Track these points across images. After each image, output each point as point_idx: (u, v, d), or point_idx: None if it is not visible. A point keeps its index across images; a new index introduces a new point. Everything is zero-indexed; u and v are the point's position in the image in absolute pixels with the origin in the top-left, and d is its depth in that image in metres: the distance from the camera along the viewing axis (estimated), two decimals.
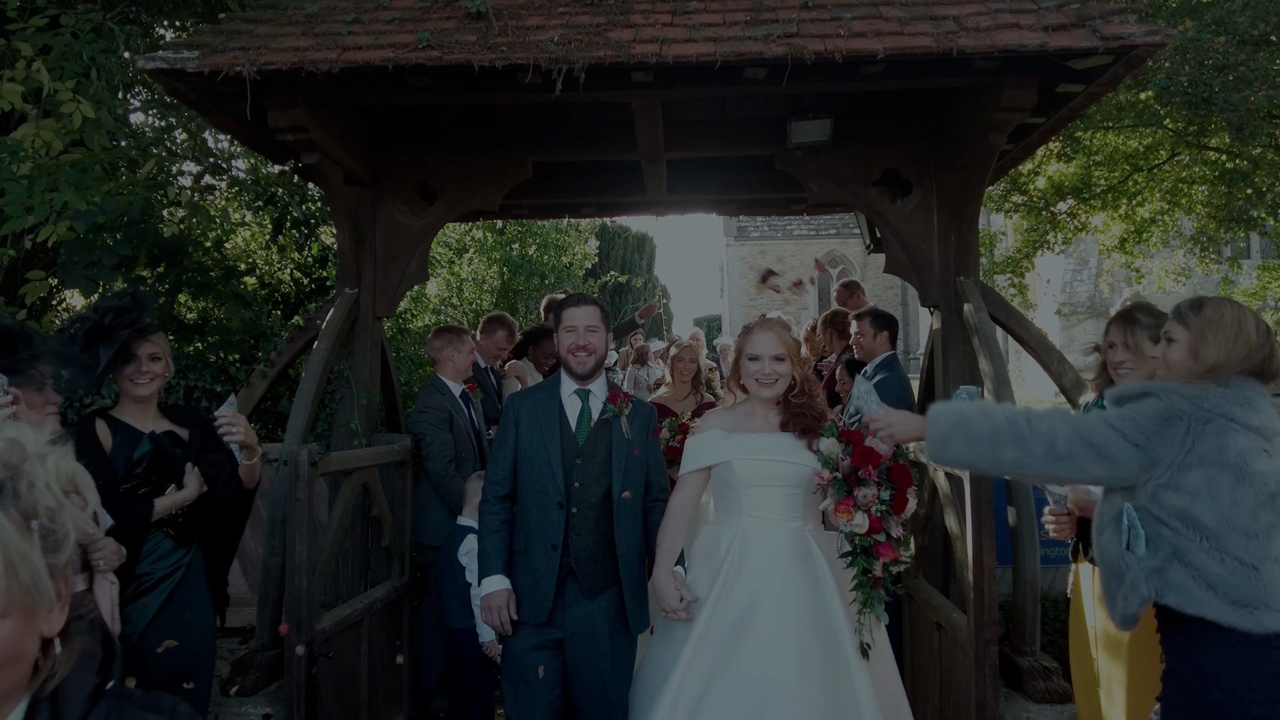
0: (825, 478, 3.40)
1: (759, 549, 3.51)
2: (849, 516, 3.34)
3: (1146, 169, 6.98)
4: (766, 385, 3.61)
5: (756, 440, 3.61)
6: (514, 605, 3.65)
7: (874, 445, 3.34)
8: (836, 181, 5.55)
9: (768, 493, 3.56)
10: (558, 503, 3.67)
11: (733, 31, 4.29)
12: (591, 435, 3.78)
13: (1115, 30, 4.19)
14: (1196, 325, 2.91)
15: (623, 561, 3.71)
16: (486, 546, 3.75)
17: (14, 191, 5.21)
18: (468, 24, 4.43)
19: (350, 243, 5.52)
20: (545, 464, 3.70)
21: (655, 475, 3.87)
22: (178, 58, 4.38)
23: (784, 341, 3.64)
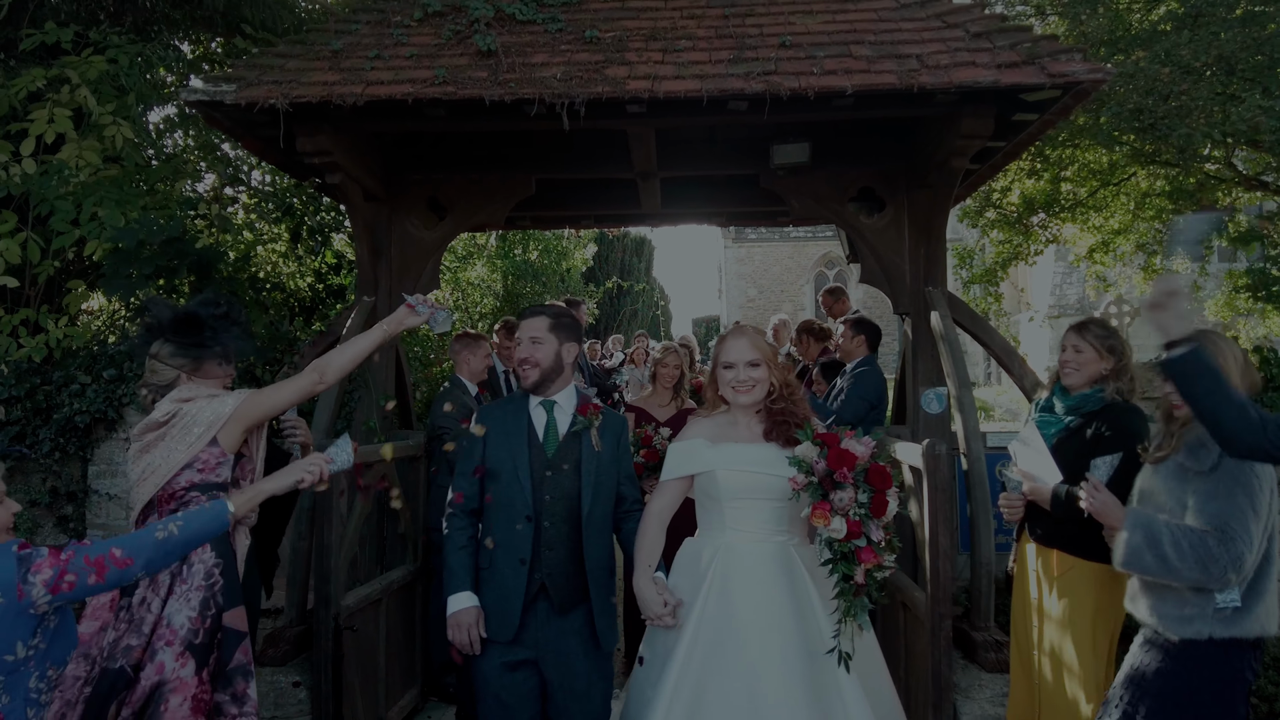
0: (800, 482, 3.27)
1: (743, 565, 3.42)
2: (825, 521, 3.20)
3: (1113, 183, 7.47)
4: (743, 392, 3.51)
5: (741, 451, 3.50)
6: (483, 623, 3.57)
7: (850, 446, 3.24)
8: (816, 199, 6.03)
9: (752, 506, 3.46)
10: (526, 516, 3.60)
11: (717, 69, 4.77)
12: (560, 447, 3.70)
13: (1061, 68, 4.67)
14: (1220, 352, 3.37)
15: (591, 576, 3.64)
16: (453, 563, 3.65)
17: (63, 209, 5.70)
18: (479, 60, 4.92)
19: (368, 254, 6.00)
20: (513, 477, 3.62)
21: (627, 487, 3.81)
22: (217, 90, 4.87)
23: (758, 347, 3.55)
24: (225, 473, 3.48)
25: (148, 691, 3.14)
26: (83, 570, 2.63)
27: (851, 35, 5.02)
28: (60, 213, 5.72)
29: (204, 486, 3.39)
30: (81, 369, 5.96)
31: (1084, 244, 8.09)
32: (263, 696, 4.76)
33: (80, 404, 5.86)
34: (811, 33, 5.06)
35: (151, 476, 3.38)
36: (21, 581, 2.58)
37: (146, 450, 3.43)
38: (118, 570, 2.69)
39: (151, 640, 3.21)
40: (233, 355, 3.71)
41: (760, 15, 5.31)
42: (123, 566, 2.69)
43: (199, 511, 2.95)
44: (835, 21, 5.19)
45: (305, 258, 7.92)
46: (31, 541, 5.96)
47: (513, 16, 5.23)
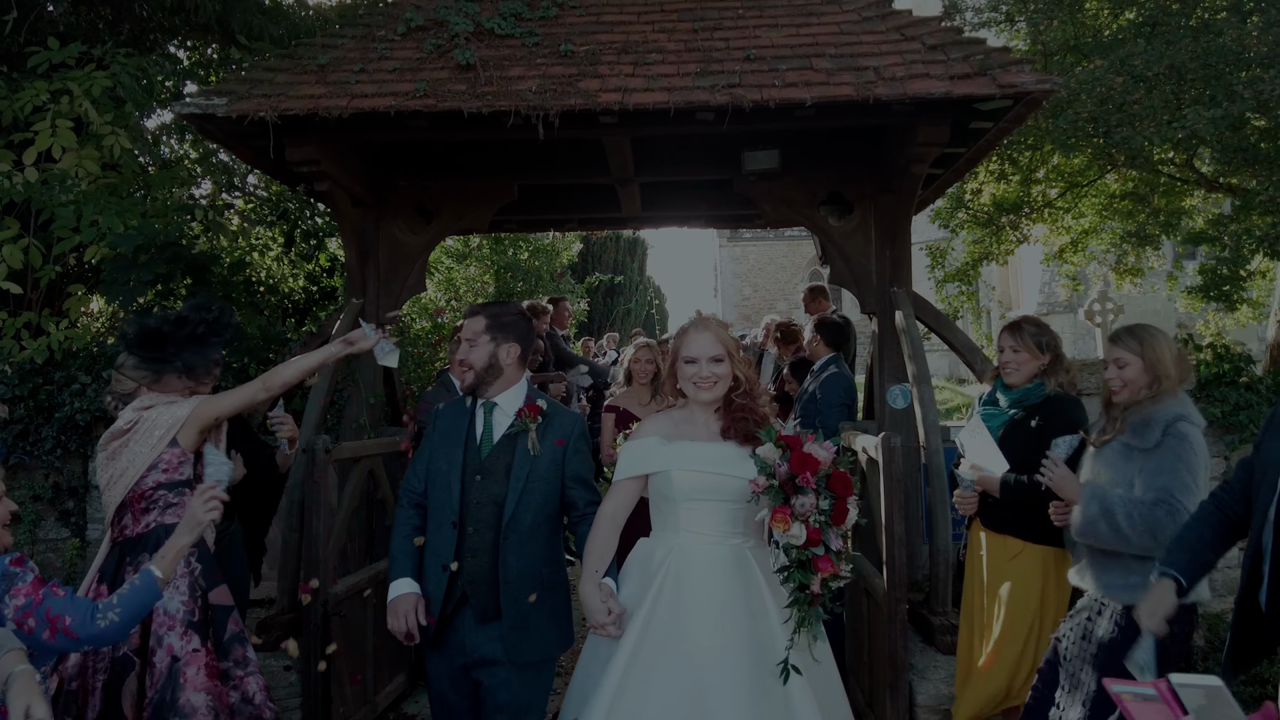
0: (760, 484, 3.14)
1: (696, 568, 3.29)
2: (785, 526, 3.08)
3: (1082, 185, 7.71)
4: (705, 388, 3.37)
5: (697, 450, 3.36)
6: (423, 610, 3.52)
7: (813, 451, 3.13)
8: (786, 203, 6.28)
9: (707, 507, 3.32)
10: (451, 521, 3.54)
11: (685, 82, 5.02)
12: (494, 450, 3.61)
13: (1011, 79, 4.92)
14: (1148, 350, 3.67)
15: (505, 586, 3.50)
16: (395, 549, 3.64)
17: (64, 216, 5.94)
18: (458, 74, 5.16)
19: (356, 258, 6.25)
20: (445, 479, 3.59)
21: (578, 491, 3.67)
22: (209, 104, 5.11)
23: (722, 340, 3.41)
24: (187, 470, 3.77)
25: (166, 670, 3.48)
26: (42, 622, 2.79)
27: (813, 48, 5.26)
28: (61, 219, 5.95)
29: (170, 485, 3.70)
30: (82, 369, 6.20)
31: (1055, 244, 8.35)
32: None
33: (81, 403, 6.11)
34: (775, 46, 5.31)
35: (120, 480, 3.69)
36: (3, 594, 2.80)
37: (113, 458, 3.74)
38: (65, 639, 2.82)
39: (153, 629, 3.51)
40: (195, 369, 3.90)
41: (728, 29, 5.56)
42: (70, 637, 2.82)
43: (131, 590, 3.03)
44: (798, 34, 5.43)
45: (299, 261, 8.17)
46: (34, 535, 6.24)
47: (491, 31, 5.48)
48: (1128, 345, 3.67)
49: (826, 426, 6.24)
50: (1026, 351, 4.39)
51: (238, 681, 3.69)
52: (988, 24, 7.87)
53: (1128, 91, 5.73)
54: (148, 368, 3.85)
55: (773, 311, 30.46)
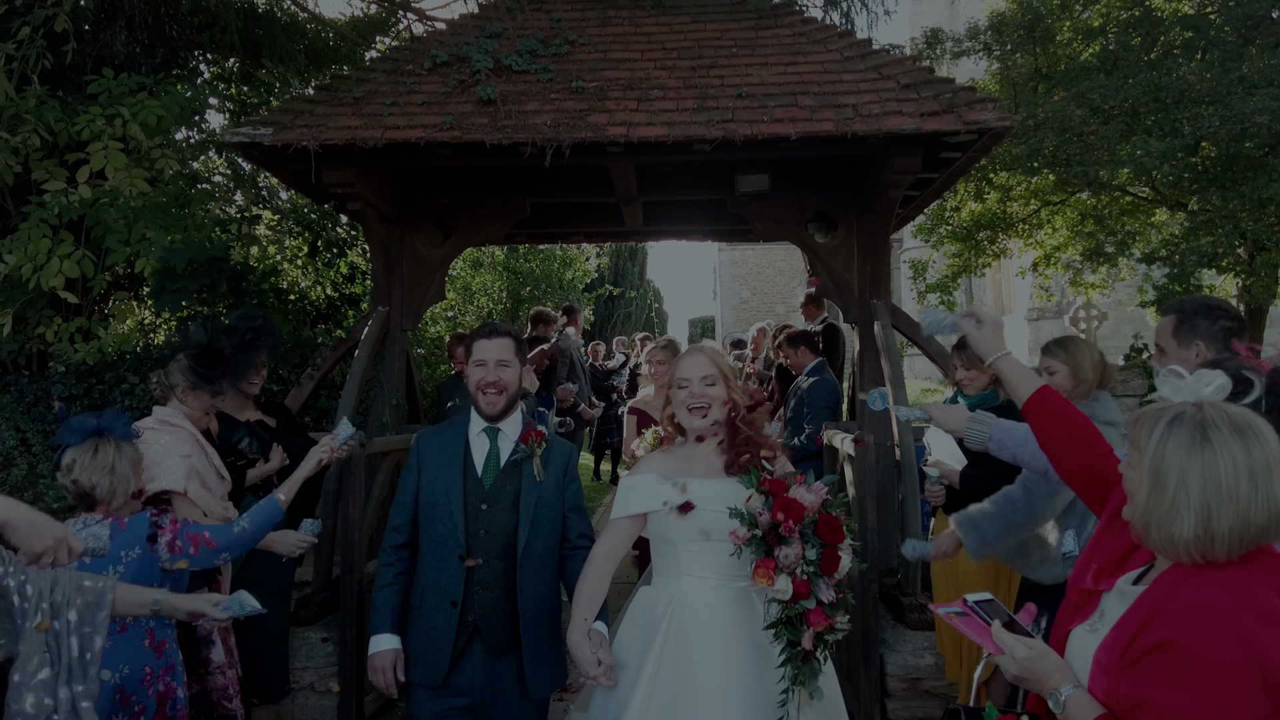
0: (742, 535, 2.94)
1: (701, 616, 3.08)
2: (769, 581, 2.87)
3: (1053, 204, 8.29)
4: (698, 412, 3.24)
5: (698, 486, 3.16)
6: (402, 667, 3.43)
7: (799, 495, 2.92)
8: (776, 221, 6.86)
9: (710, 548, 3.09)
10: (458, 555, 3.41)
11: (683, 116, 5.60)
12: (499, 478, 3.52)
13: (975, 116, 5.50)
14: (1072, 359, 4.25)
15: (524, 617, 3.42)
16: (377, 600, 3.49)
17: (117, 230, 6.52)
18: (481, 108, 5.75)
19: (383, 270, 6.83)
20: (446, 511, 3.45)
21: (574, 520, 3.58)
22: (255, 133, 5.70)
23: (715, 363, 3.31)
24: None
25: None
26: (186, 542, 3.49)
27: (799, 86, 5.85)
28: (114, 234, 6.53)
29: None
30: (130, 371, 6.77)
31: (1029, 258, 8.93)
32: (295, 650, 5.61)
33: (130, 401, 6.68)
34: (765, 84, 5.89)
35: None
36: (153, 540, 3.43)
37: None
38: (208, 550, 3.54)
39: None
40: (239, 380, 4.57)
41: (722, 67, 6.14)
42: (211, 547, 3.55)
43: (259, 508, 3.80)
44: (786, 73, 6.02)
45: (323, 269, 8.76)
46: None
47: (509, 67, 6.06)
48: (1056, 355, 4.26)
49: (813, 427, 6.86)
50: (974, 368, 5.00)
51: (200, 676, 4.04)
52: (966, 53, 8.46)
53: (1085, 123, 6.31)
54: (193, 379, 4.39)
55: (770, 315, 31.06)
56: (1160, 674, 1.83)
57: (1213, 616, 1.81)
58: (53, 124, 6.61)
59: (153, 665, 3.44)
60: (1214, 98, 5.95)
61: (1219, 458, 1.86)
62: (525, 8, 6.88)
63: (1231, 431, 1.88)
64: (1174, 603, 1.87)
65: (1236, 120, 5.65)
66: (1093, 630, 2.07)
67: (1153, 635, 1.86)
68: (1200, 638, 1.80)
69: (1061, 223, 8.77)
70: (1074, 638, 2.13)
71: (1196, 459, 1.87)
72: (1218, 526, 1.85)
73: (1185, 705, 1.78)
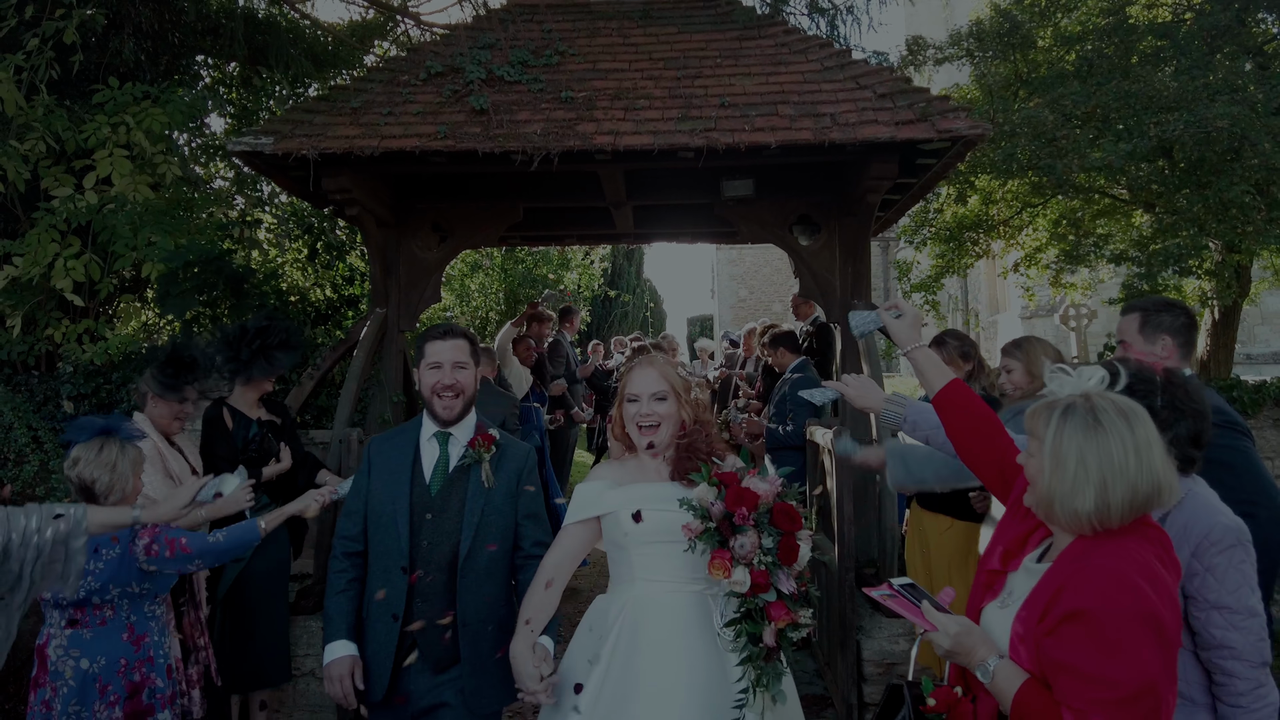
0: (695, 528, 2.86)
1: (652, 621, 2.98)
2: (725, 573, 2.78)
3: (1033, 206, 8.52)
4: (647, 430, 3.15)
5: (647, 490, 3.11)
6: (359, 674, 3.30)
7: (752, 485, 2.87)
8: (761, 224, 7.09)
9: (662, 550, 3.00)
10: (400, 567, 3.30)
11: (668, 125, 5.83)
12: (445, 485, 3.40)
13: (948, 125, 5.73)
14: (1027, 358, 4.49)
15: (465, 630, 3.31)
16: (330, 608, 3.38)
17: (123, 235, 6.75)
18: (474, 117, 5.98)
19: (380, 272, 7.06)
20: (391, 521, 3.33)
21: (529, 528, 3.44)
22: (257, 142, 5.93)
23: (667, 378, 3.20)
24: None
25: None
26: (163, 545, 3.78)
27: (779, 96, 6.07)
28: (121, 238, 6.76)
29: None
30: (136, 371, 7.00)
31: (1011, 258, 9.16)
32: (296, 639, 5.83)
33: (135, 400, 6.92)
34: (747, 93, 6.12)
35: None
36: (131, 541, 3.72)
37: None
38: (183, 555, 3.81)
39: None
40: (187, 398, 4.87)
41: (707, 77, 6.37)
42: (186, 553, 3.82)
43: (238, 528, 4.04)
44: (768, 83, 6.25)
45: (322, 271, 9.00)
46: None
47: (501, 78, 6.29)
48: (1014, 355, 4.51)
49: (797, 424, 7.09)
50: (951, 364, 5.23)
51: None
52: (949, 59, 8.69)
53: (1058, 128, 6.54)
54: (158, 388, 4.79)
55: (768, 313, 31.29)
56: (1075, 638, 2.08)
57: (1113, 581, 2.08)
58: (60, 132, 6.84)
59: (129, 657, 3.76)
60: (1180, 104, 6.18)
61: (1110, 438, 2.13)
62: (518, 18, 7.11)
63: (1117, 415, 2.16)
64: (1079, 574, 2.13)
65: (1200, 126, 5.88)
66: (1004, 606, 2.32)
67: (1065, 605, 2.11)
68: (1105, 602, 2.06)
69: (1042, 224, 9.00)
70: (987, 614, 2.38)
71: (1092, 441, 2.13)
72: (1113, 498, 2.12)
73: (1099, 661, 2.03)
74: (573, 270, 13.23)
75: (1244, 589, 2.54)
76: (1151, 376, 2.66)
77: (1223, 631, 2.50)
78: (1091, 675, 2.04)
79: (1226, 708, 2.51)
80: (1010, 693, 2.16)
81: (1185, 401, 2.68)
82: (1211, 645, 2.53)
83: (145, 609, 3.87)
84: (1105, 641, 2.03)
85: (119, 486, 3.85)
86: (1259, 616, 2.53)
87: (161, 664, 3.89)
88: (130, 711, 3.71)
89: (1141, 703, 2.02)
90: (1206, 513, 2.61)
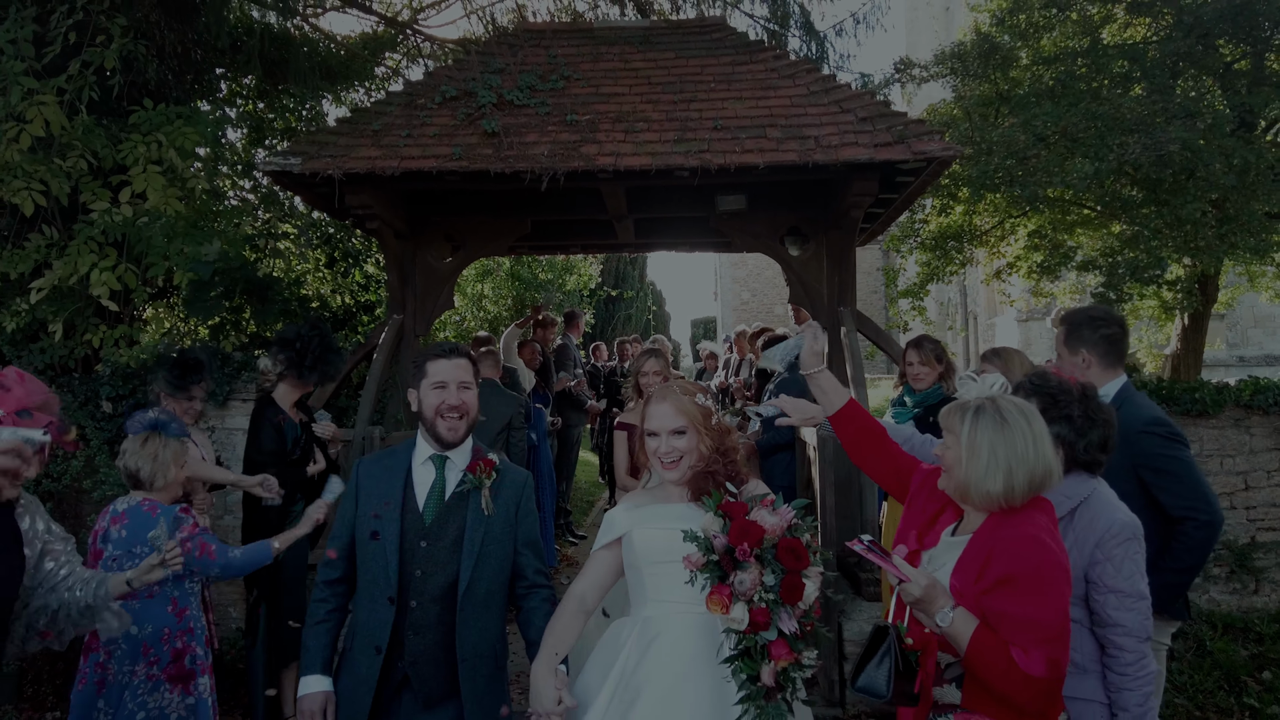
0: (696, 560, 2.79)
1: (661, 643, 2.92)
2: (724, 609, 2.70)
3: (1012, 218, 8.99)
4: (669, 466, 3.10)
5: (659, 510, 3.10)
6: (332, 710, 3.17)
7: (759, 518, 2.78)
8: (753, 236, 7.57)
9: (673, 570, 2.87)
10: (388, 598, 3.14)
11: (665, 147, 6.33)
12: (441, 512, 3.24)
13: (922, 147, 6.22)
14: (1004, 364, 4.96)
15: (464, 665, 3.17)
16: (307, 639, 3.23)
17: (157, 245, 7.25)
18: (485, 140, 6.47)
19: (397, 281, 7.55)
20: (379, 549, 3.17)
21: (528, 558, 3.33)
22: (286, 163, 6.44)
23: (684, 411, 3.12)
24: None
25: None
26: (196, 545, 4.29)
27: (768, 119, 6.57)
28: (154, 249, 7.26)
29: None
30: None
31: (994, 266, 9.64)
32: None
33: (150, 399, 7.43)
34: (738, 116, 6.62)
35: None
36: (174, 531, 4.18)
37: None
38: (208, 561, 4.31)
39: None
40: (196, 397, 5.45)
41: (701, 100, 6.87)
42: (211, 559, 4.31)
43: (253, 548, 4.52)
44: (758, 107, 6.74)
45: (340, 279, 9.51)
46: None
47: (511, 102, 6.79)
48: (992, 361, 4.98)
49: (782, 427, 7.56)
50: (928, 365, 5.71)
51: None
52: (934, 78, 9.17)
53: (1029, 148, 7.02)
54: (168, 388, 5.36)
55: (770, 316, 31.76)
56: (1010, 592, 2.59)
57: (1031, 546, 2.59)
58: (99, 150, 7.34)
59: (172, 627, 4.28)
60: (1139, 126, 6.65)
61: (1014, 433, 2.63)
62: (525, 43, 7.62)
63: (1019, 414, 2.68)
64: (1003, 543, 2.63)
65: (1155, 148, 6.35)
66: None
67: (998, 569, 2.61)
68: (1026, 561, 2.57)
69: (1022, 234, 9.47)
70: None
71: (1001, 435, 2.64)
72: (1017, 481, 2.63)
73: (1032, 607, 2.55)
74: (573, 273, 13.73)
75: (1136, 576, 3.01)
76: (1070, 389, 3.16)
77: (1117, 612, 2.97)
78: (1028, 619, 2.55)
79: (1115, 675, 2.99)
80: (967, 634, 2.60)
81: (1097, 413, 3.17)
82: (1107, 624, 3.00)
83: (186, 586, 4.38)
84: (1034, 593, 2.55)
85: (161, 475, 4.37)
86: (1146, 599, 3.02)
87: (200, 634, 4.40)
88: (174, 674, 4.21)
89: (1064, 631, 2.56)
90: (1109, 510, 3.09)
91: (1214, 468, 7.49)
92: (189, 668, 4.28)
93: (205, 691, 4.34)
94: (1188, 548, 3.75)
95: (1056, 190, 7.04)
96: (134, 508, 4.30)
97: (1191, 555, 3.76)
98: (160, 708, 4.16)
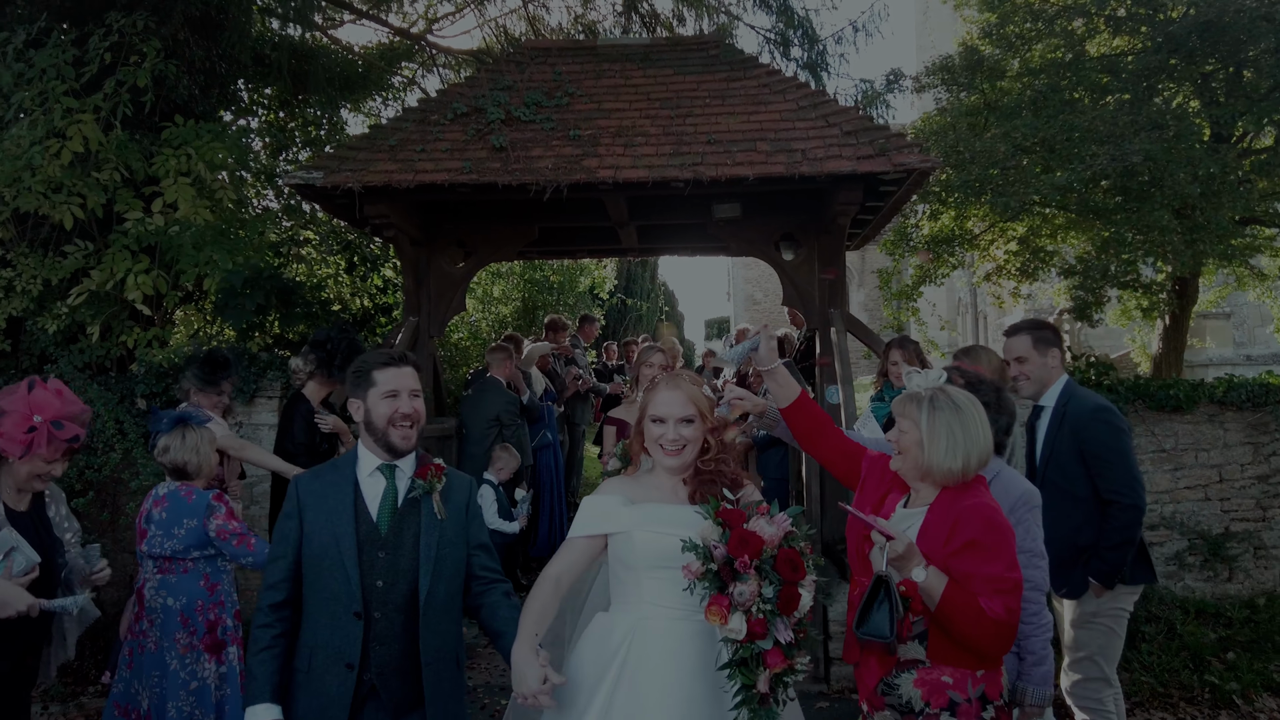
0: (695, 570, 2.80)
1: (660, 649, 2.96)
2: (722, 620, 2.73)
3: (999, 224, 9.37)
4: (672, 453, 3.12)
5: (662, 512, 3.07)
6: None
7: (758, 528, 2.79)
8: (748, 242, 8.00)
9: (673, 576, 2.88)
10: (353, 612, 3.09)
11: (662, 160, 6.77)
12: (395, 520, 3.21)
13: (902, 159, 6.63)
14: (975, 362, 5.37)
15: (428, 670, 3.16)
16: (253, 666, 3.12)
17: (187, 253, 7.74)
18: (494, 154, 6.93)
19: (412, 285, 8.02)
20: (337, 564, 3.11)
21: (481, 558, 3.34)
22: (309, 176, 6.92)
23: (694, 400, 3.15)
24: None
25: None
26: (233, 534, 4.69)
27: (759, 133, 7.00)
28: (185, 256, 7.75)
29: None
30: None
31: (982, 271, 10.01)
32: None
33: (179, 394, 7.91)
34: (731, 131, 7.05)
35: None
36: (206, 518, 4.64)
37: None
38: (245, 549, 4.70)
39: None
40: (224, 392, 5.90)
41: (696, 115, 7.31)
42: (249, 550, 4.70)
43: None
44: (749, 121, 7.17)
45: (359, 283, 10.00)
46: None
47: (518, 118, 7.25)
48: (963, 359, 5.38)
49: None
50: (911, 362, 6.13)
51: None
52: (925, 88, 9.57)
53: (1009, 158, 7.41)
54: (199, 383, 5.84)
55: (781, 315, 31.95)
56: (974, 554, 3.02)
57: (985, 514, 3.05)
58: (132, 163, 7.84)
59: (204, 600, 4.71)
60: (1110, 138, 7.02)
61: (966, 418, 3.11)
62: (531, 61, 8.07)
63: (969, 403, 3.16)
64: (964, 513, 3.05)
65: (1122, 159, 6.73)
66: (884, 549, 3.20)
67: (963, 535, 3.04)
68: (986, 528, 3.03)
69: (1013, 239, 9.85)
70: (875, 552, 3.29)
71: (956, 420, 3.11)
72: (971, 460, 3.10)
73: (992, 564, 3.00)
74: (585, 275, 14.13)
75: (1038, 538, 3.52)
76: (989, 382, 3.66)
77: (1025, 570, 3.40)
78: (991, 575, 2.99)
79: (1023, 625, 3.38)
80: (939, 588, 2.99)
81: (1006, 404, 3.73)
82: None
83: (218, 564, 4.81)
84: (994, 553, 3.00)
85: (205, 465, 4.82)
86: (1045, 558, 3.51)
87: (231, 608, 4.86)
88: (209, 644, 4.66)
89: (1017, 584, 3.02)
90: (1015, 482, 3.60)
91: (1189, 461, 7.86)
92: (220, 638, 4.73)
93: (234, 660, 4.79)
94: (1114, 528, 4.24)
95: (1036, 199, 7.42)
96: (173, 492, 4.75)
97: (1118, 534, 4.24)
98: (202, 678, 4.62)
